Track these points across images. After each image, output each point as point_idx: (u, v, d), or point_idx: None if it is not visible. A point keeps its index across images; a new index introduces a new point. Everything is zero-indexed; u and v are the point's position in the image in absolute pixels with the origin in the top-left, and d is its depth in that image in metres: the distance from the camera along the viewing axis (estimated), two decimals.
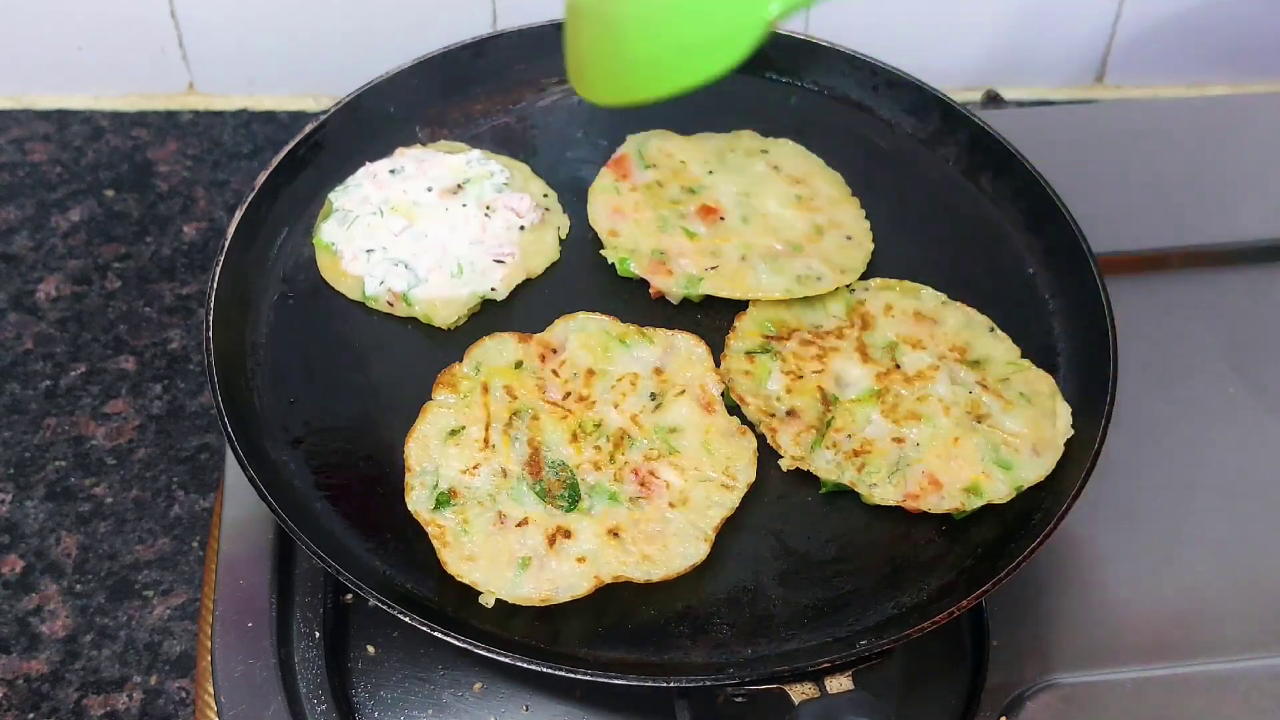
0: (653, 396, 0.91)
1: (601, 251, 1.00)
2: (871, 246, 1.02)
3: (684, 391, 0.91)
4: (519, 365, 0.91)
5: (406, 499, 0.85)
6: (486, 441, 0.87)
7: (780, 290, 0.97)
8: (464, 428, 0.88)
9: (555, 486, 0.86)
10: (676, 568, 0.84)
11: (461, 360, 0.92)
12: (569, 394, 0.90)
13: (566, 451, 0.87)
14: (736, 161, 1.06)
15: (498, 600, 0.82)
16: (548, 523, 0.84)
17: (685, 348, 0.94)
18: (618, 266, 0.99)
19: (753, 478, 0.88)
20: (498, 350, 0.92)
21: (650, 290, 0.98)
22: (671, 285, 0.98)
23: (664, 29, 0.80)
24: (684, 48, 0.79)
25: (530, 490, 0.86)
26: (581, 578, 0.82)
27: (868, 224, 1.03)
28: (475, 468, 0.86)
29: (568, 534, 0.84)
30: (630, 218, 1.01)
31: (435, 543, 0.83)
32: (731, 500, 0.87)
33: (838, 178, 1.06)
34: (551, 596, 0.82)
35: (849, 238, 1.02)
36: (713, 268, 0.98)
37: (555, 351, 0.93)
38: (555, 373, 0.92)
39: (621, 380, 0.91)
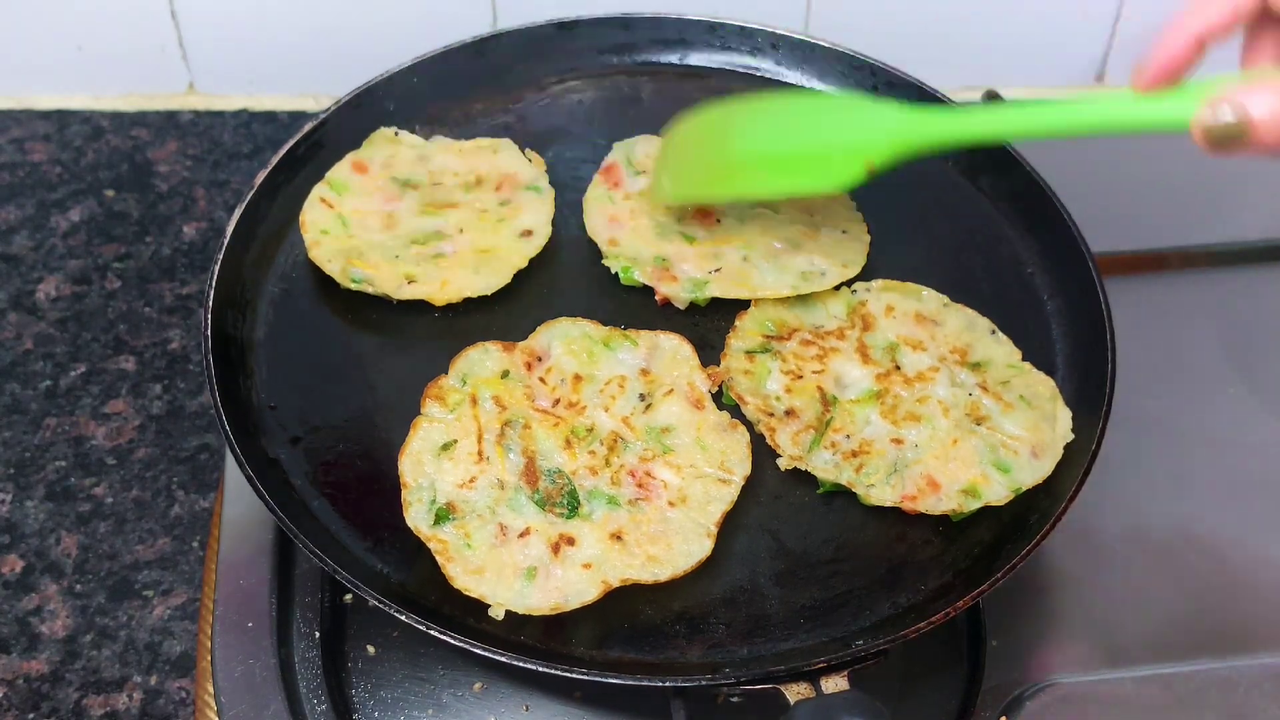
0: (642, 397, 0.91)
1: (603, 261, 0.99)
2: (869, 238, 1.02)
3: (672, 390, 0.91)
4: (506, 375, 0.91)
5: (405, 515, 0.84)
6: (480, 454, 0.87)
7: (787, 288, 0.97)
8: (456, 441, 0.87)
9: (553, 494, 0.85)
10: (682, 566, 0.83)
11: (448, 372, 0.91)
12: (558, 401, 0.90)
13: (561, 458, 0.87)
14: None
15: (506, 611, 0.81)
16: (550, 531, 0.84)
17: (670, 347, 0.94)
18: (621, 275, 0.98)
19: (749, 470, 0.88)
20: (482, 361, 0.92)
21: (656, 297, 0.98)
22: (678, 291, 0.97)
23: (776, 172, 0.95)
24: (788, 182, 0.95)
25: (529, 500, 0.85)
26: (589, 584, 0.82)
27: (860, 215, 1.03)
28: (471, 481, 0.86)
29: (571, 541, 0.84)
30: (628, 226, 1.01)
31: (439, 558, 0.82)
32: (729, 494, 0.87)
33: None
34: (561, 605, 0.81)
35: (844, 231, 1.01)
36: (716, 270, 0.98)
37: (540, 359, 0.92)
38: (542, 380, 0.91)
39: (609, 383, 0.91)
